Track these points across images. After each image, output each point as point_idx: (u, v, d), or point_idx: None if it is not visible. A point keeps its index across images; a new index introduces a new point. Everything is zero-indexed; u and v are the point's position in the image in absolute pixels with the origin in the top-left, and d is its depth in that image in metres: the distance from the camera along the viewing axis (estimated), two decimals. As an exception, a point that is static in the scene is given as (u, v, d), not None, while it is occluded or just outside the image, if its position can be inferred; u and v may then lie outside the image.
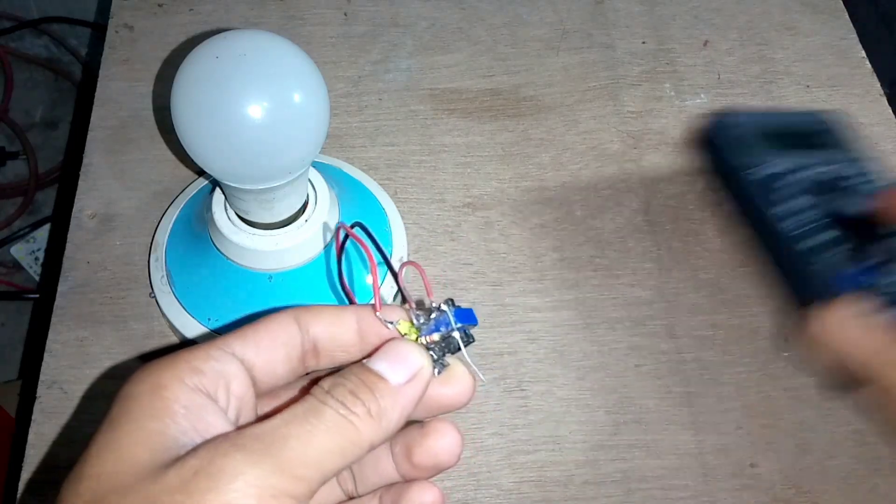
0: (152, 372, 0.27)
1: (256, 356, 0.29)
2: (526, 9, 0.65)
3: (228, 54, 0.39)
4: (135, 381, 0.27)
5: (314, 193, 0.48)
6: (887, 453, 0.47)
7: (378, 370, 0.28)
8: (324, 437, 0.25)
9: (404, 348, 0.29)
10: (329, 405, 0.26)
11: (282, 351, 0.30)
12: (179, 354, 0.28)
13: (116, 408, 0.27)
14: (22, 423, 0.90)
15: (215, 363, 0.28)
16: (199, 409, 0.27)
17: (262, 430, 0.25)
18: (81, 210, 0.54)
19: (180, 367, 0.27)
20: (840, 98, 0.61)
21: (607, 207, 0.56)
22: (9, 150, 1.24)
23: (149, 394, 0.27)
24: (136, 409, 0.26)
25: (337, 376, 0.28)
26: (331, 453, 0.25)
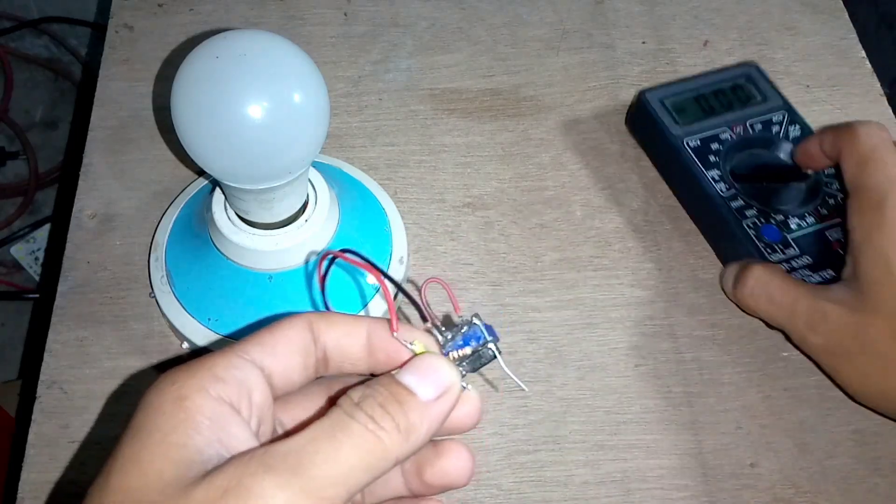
0: (174, 381, 0.27)
1: (274, 363, 0.29)
2: (526, 9, 0.65)
3: (228, 54, 0.39)
4: (156, 391, 0.27)
5: (314, 193, 0.48)
6: (887, 453, 0.47)
7: (407, 384, 0.28)
8: (350, 452, 0.25)
9: (435, 363, 0.29)
10: (357, 419, 0.26)
11: (298, 358, 0.29)
12: (200, 363, 0.28)
13: (139, 418, 0.27)
14: (22, 423, 0.90)
15: (237, 372, 0.28)
16: (222, 419, 0.26)
17: (290, 448, 0.25)
18: (81, 210, 0.54)
19: (203, 377, 0.27)
20: (840, 98, 0.61)
21: (607, 207, 0.56)
22: (9, 150, 1.24)
23: (171, 404, 0.26)
24: (160, 421, 0.26)
25: (366, 387, 0.28)
26: (357, 470, 0.25)
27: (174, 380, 0.27)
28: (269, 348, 0.29)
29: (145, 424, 0.26)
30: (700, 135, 0.54)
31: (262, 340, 0.29)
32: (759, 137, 0.54)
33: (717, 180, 0.52)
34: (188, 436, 0.26)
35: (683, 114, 0.55)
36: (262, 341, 0.29)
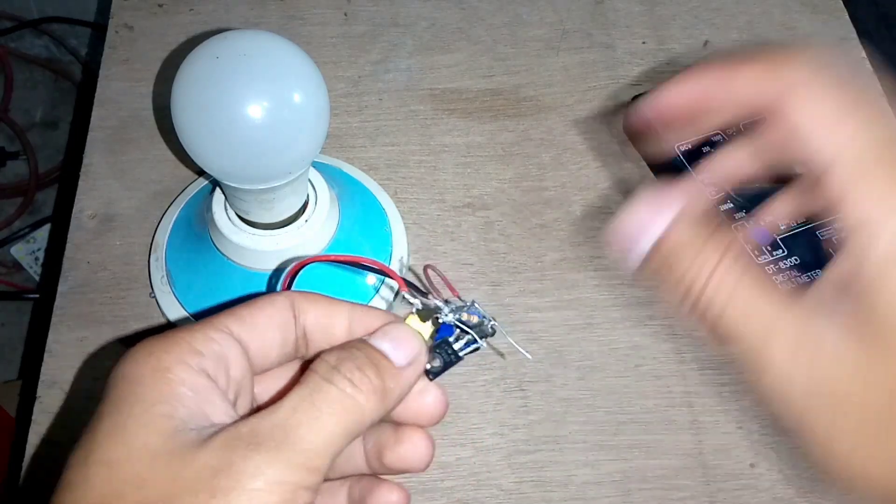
0: (152, 353, 0.27)
1: (251, 338, 0.29)
2: (526, 9, 0.65)
3: (228, 54, 0.39)
4: (133, 361, 0.27)
5: (314, 193, 0.48)
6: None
7: (382, 349, 0.28)
8: (331, 419, 0.26)
9: (406, 332, 0.30)
10: (335, 384, 0.26)
11: (278, 335, 0.29)
12: (178, 335, 0.27)
13: (118, 390, 0.26)
14: (22, 423, 0.90)
15: (215, 345, 0.28)
16: (203, 391, 0.26)
17: (273, 423, 0.25)
18: (81, 210, 0.54)
19: (182, 349, 0.27)
20: (840, 98, 0.61)
21: (607, 207, 0.56)
22: (9, 150, 1.24)
23: (152, 376, 0.26)
24: (142, 392, 0.26)
25: (341, 350, 0.28)
26: (339, 436, 0.26)
27: (151, 350, 0.27)
28: (247, 323, 0.29)
29: (126, 396, 0.26)
30: (691, 139, 0.54)
31: (241, 315, 0.29)
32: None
33: (706, 184, 0.52)
34: (172, 407, 0.26)
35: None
36: (241, 316, 0.29)
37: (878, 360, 0.26)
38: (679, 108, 0.31)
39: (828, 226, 0.51)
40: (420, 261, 0.53)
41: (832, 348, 0.27)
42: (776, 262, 0.49)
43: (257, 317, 0.29)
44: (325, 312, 0.30)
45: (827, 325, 0.27)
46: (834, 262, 0.27)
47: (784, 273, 0.49)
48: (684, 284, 0.27)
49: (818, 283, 0.27)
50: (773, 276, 0.49)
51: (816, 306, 0.27)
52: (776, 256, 0.49)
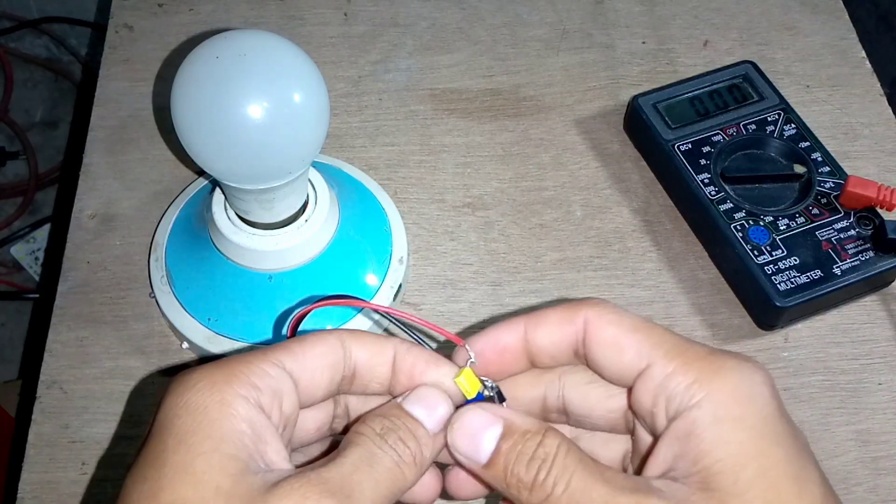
0: (214, 383, 0.27)
1: (302, 375, 0.29)
2: (526, 9, 0.65)
3: (228, 54, 0.39)
4: (195, 390, 0.27)
5: (314, 193, 0.48)
6: (888, 454, 0.47)
7: (418, 416, 0.30)
8: (384, 484, 0.28)
9: (437, 398, 0.30)
10: (387, 453, 0.28)
11: (327, 373, 0.30)
12: (235, 366, 0.28)
13: (182, 421, 0.26)
14: (22, 423, 0.90)
15: (271, 381, 0.28)
16: (259, 429, 0.27)
17: (341, 476, 0.27)
18: (81, 210, 0.54)
19: (241, 382, 0.27)
20: (840, 98, 0.61)
21: (607, 207, 0.56)
22: (9, 150, 1.24)
23: (218, 410, 0.26)
24: (208, 427, 0.26)
25: (384, 418, 0.29)
26: (387, 498, 0.28)
27: (212, 381, 0.27)
28: (300, 359, 0.29)
29: (193, 429, 0.26)
30: (692, 138, 0.54)
31: (294, 350, 0.29)
32: (752, 138, 0.54)
33: (706, 183, 0.52)
34: (238, 447, 0.26)
35: (676, 117, 0.55)
36: (293, 351, 0.29)
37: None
38: (496, 348, 0.32)
39: (828, 226, 0.51)
40: (420, 261, 0.53)
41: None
42: (776, 261, 0.49)
43: (309, 354, 0.29)
44: (373, 351, 0.31)
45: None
46: (658, 449, 0.28)
47: (784, 273, 0.49)
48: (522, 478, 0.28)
49: (648, 467, 0.28)
50: (773, 276, 0.49)
51: (649, 491, 0.27)
52: (776, 256, 0.49)
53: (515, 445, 0.28)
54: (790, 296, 0.48)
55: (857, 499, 0.46)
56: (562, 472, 0.27)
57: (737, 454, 0.26)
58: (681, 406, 0.28)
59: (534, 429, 0.29)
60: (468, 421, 0.30)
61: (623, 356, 0.29)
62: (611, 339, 0.30)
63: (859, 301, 0.52)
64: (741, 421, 0.27)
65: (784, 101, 0.56)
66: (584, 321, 0.30)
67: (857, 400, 0.49)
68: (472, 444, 0.29)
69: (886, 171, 0.57)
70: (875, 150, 0.58)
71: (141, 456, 0.27)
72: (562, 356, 0.31)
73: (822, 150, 0.54)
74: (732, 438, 0.27)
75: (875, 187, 0.51)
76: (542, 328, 0.31)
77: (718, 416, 0.27)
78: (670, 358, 0.28)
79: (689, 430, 0.27)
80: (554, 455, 0.28)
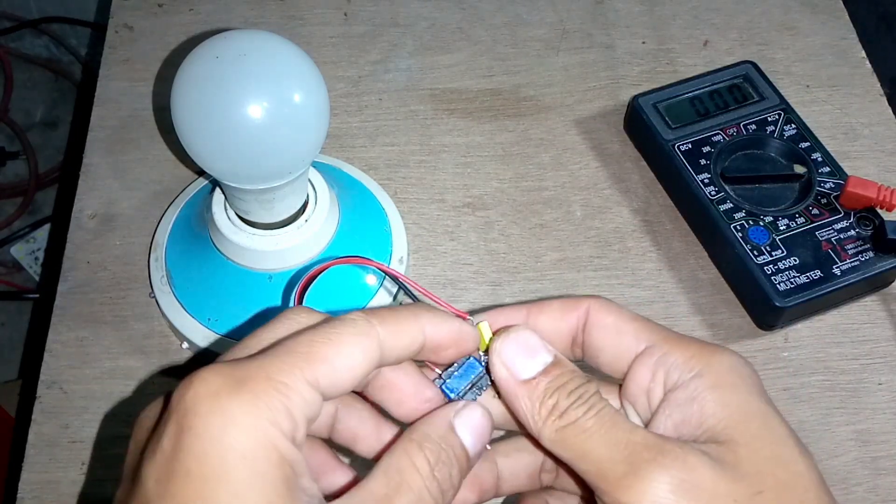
0: (257, 419, 0.25)
1: (332, 390, 0.27)
2: (526, 9, 0.65)
3: (228, 54, 0.39)
4: (239, 428, 0.24)
5: (314, 193, 0.48)
6: (888, 454, 0.47)
7: (467, 445, 0.29)
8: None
9: (485, 424, 0.30)
10: (432, 495, 0.27)
11: (358, 381, 0.28)
12: (271, 393, 0.25)
13: (234, 469, 0.24)
14: (22, 423, 0.90)
15: (307, 409, 0.26)
16: (299, 468, 0.25)
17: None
18: (81, 210, 0.54)
19: (282, 415, 0.25)
20: (840, 98, 0.61)
21: (607, 207, 0.56)
22: (9, 150, 1.24)
23: (266, 457, 0.24)
24: (262, 480, 0.24)
25: (438, 447, 0.28)
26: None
27: (255, 416, 0.24)
28: (335, 375, 0.27)
29: (247, 483, 0.24)
30: (692, 138, 0.54)
31: (330, 360, 0.27)
32: (752, 138, 0.54)
33: (706, 183, 0.52)
34: (289, 497, 0.25)
35: (676, 117, 0.55)
36: (331, 362, 0.27)
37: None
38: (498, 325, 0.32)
39: (828, 226, 0.51)
40: (420, 261, 0.53)
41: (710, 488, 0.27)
42: (776, 262, 0.49)
43: (343, 362, 0.27)
44: (406, 340, 0.29)
45: (686, 447, 0.28)
46: (658, 419, 0.30)
47: (784, 273, 0.49)
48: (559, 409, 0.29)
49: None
50: (773, 276, 0.49)
51: (670, 438, 0.29)
52: (776, 256, 0.49)
53: (563, 375, 0.30)
54: (790, 296, 0.48)
55: (857, 499, 0.46)
56: (595, 405, 0.29)
57: (739, 413, 0.28)
58: (680, 378, 0.30)
59: (580, 372, 0.30)
60: (525, 337, 0.30)
61: (622, 339, 0.31)
62: (611, 323, 0.32)
63: (859, 301, 0.52)
64: (738, 387, 0.29)
65: (784, 101, 0.56)
66: (585, 310, 0.32)
67: (857, 400, 0.49)
68: (521, 358, 0.30)
69: (886, 171, 0.57)
70: (875, 150, 0.58)
71: (180, 495, 0.24)
72: (559, 344, 0.32)
73: (822, 150, 0.54)
74: (732, 401, 0.29)
75: (875, 187, 0.51)
76: (543, 315, 0.32)
77: (717, 383, 0.29)
78: (667, 341, 0.31)
79: (690, 397, 0.29)
80: (592, 395, 0.29)
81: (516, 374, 0.30)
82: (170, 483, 0.24)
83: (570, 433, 0.28)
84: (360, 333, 0.28)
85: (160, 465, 0.25)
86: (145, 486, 0.25)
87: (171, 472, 0.24)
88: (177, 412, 0.25)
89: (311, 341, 0.27)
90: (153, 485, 0.25)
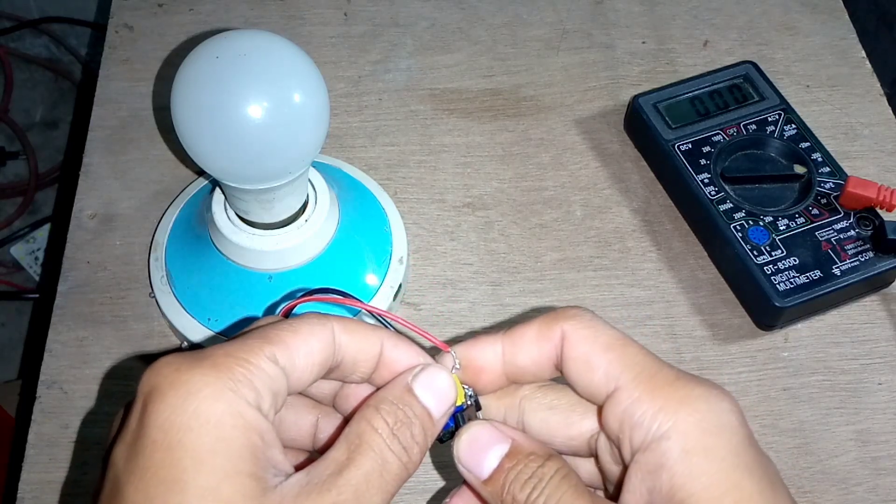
0: (220, 390, 0.26)
1: (293, 370, 0.28)
2: (526, 9, 0.65)
3: (228, 54, 0.39)
4: (202, 397, 0.25)
5: (314, 193, 0.48)
6: (888, 454, 0.47)
7: (427, 405, 0.30)
8: (390, 490, 0.28)
9: (448, 383, 0.30)
10: (398, 457, 0.28)
11: (317, 368, 0.29)
12: (232, 366, 0.26)
13: (197, 437, 0.25)
14: (22, 423, 0.90)
15: (271, 382, 0.27)
16: (268, 437, 0.26)
17: (353, 484, 0.27)
18: (81, 210, 0.54)
19: (246, 387, 0.26)
20: (840, 98, 0.61)
21: (607, 207, 0.56)
22: (9, 150, 1.24)
23: (232, 425, 0.25)
24: (228, 446, 0.25)
25: (398, 409, 0.29)
26: (391, 494, 0.28)
27: (218, 388, 0.26)
28: (293, 354, 0.28)
29: (212, 448, 0.25)
30: (692, 138, 0.54)
31: (287, 342, 0.28)
32: (752, 138, 0.54)
33: (706, 183, 0.52)
34: (255, 464, 0.25)
35: (676, 117, 0.55)
36: (287, 344, 0.28)
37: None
38: (472, 366, 0.32)
39: (828, 226, 0.51)
40: (420, 261, 0.53)
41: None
42: (776, 262, 0.49)
43: (302, 349, 0.28)
44: (361, 344, 0.30)
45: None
46: (631, 482, 0.28)
47: (784, 273, 0.49)
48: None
49: (624, 500, 0.28)
50: (773, 276, 0.49)
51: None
52: (775, 257, 0.49)
53: (517, 465, 0.29)
54: (789, 296, 0.48)
55: (857, 499, 0.46)
56: (552, 493, 0.28)
57: (709, 488, 0.26)
58: (647, 437, 0.27)
59: (539, 452, 0.29)
60: (477, 435, 0.30)
61: (593, 376, 0.29)
62: (582, 357, 0.30)
63: (859, 301, 0.52)
64: (711, 452, 0.27)
65: (784, 101, 0.56)
66: (560, 336, 0.30)
67: (857, 400, 0.49)
68: (477, 459, 0.29)
69: (886, 171, 0.57)
70: (875, 150, 0.58)
71: (145, 467, 0.25)
72: (543, 373, 0.31)
73: (822, 150, 0.54)
74: (704, 471, 0.26)
75: (875, 188, 0.51)
76: (520, 348, 0.31)
77: (688, 447, 0.27)
78: (637, 382, 0.28)
79: (659, 464, 0.27)
80: (550, 477, 0.28)
81: (478, 476, 0.29)
82: (137, 457, 0.25)
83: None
84: (317, 324, 0.29)
85: (127, 444, 0.26)
86: (115, 467, 0.26)
87: (137, 447, 0.25)
88: (141, 393, 0.26)
89: (268, 328, 0.28)
90: (122, 463, 0.26)
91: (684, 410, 0.27)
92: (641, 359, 0.29)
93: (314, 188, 0.48)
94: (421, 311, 0.51)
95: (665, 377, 0.28)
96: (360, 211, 0.51)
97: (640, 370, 0.29)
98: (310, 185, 0.48)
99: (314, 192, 0.48)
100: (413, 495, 0.45)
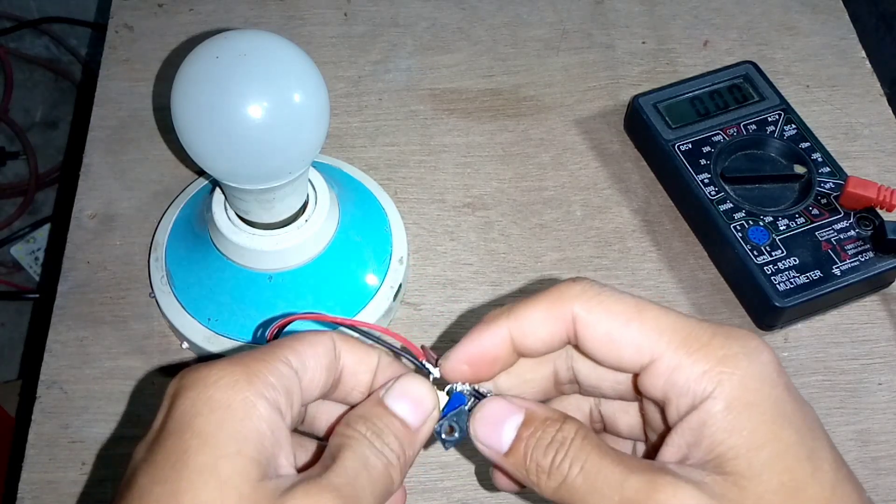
0: (236, 381, 0.27)
1: (304, 375, 0.29)
2: (526, 9, 0.65)
3: (228, 54, 0.39)
4: (217, 387, 0.26)
5: (314, 193, 0.48)
6: (888, 454, 0.47)
7: (401, 414, 0.30)
8: (378, 486, 0.28)
9: (421, 389, 0.31)
10: (378, 458, 0.28)
11: (324, 374, 0.30)
12: (251, 364, 0.28)
13: (205, 419, 0.26)
14: (22, 423, 0.90)
15: (286, 381, 0.28)
16: (278, 432, 0.27)
17: (349, 482, 0.27)
18: (81, 210, 0.54)
19: (262, 381, 0.27)
20: (840, 98, 0.61)
21: (607, 207, 0.56)
22: (9, 150, 1.24)
23: (242, 410, 0.26)
24: (232, 427, 0.26)
25: (376, 422, 0.29)
26: (380, 498, 0.28)
27: (234, 379, 0.27)
28: (303, 359, 0.29)
29: (217, 429, 0.26)
30: (692, 138, 0.54)
31: (297, 349, 0.29)
32: (752, 138, 0.54)
33: (706, 183, 0.52)
34: (259, 450, 0.26)
35: (676, 117, 0.55)
36: (297, 350, 0.29)
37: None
38: (485, 359, 0.31)
39: (828, 226, 0.51)
40: (420, 261, 0.53)
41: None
42: (776, 262, 0.49)
43: (310, 353, 0.29)
44: (359, 359, 0.31)
45: (680, 485, 0.26)
46: (671, 437, 0.28)
47: (784, 273, 0.49)
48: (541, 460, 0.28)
49: (662, 454, 0.28)
50: (773, 276, 0.49)
51: (663, 471, 0.27)
52: (775, 257, 0.49)
53: (535, 432, 0.28)
54: (789, 296, 0.48)
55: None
56: (577, 454, 0.27)
57: (750, 439, 0.27)
58: (694, 400, 0.27)
59: (553, 416, 0.29)
60: (490, 411, 0.30)
61: (622, 353, 0.29)
62: (604, 336, 0.29)
63: (859, 301, 0.52)
64: (752, 407, 0.27)
65: (784, 101, 0.56)
66: (572, 317, 0.29)
67: (857, 400, 0.49)
68: (494, 434, 0.29)
69: (886, 171, 0.57)
70: (875, 150, 0.58)
71: (157, 454, 0.26)
72: (554, 348, 0.31)
73: (822, 150, 0.54)
74: (745, 425, 0.27)
75: (875, 188, 0.51)
76: (528, 331, 0.30)
77: (730, 405, 0.27)
78: (674, 349, 0.28)
79: (702, 421, 0.27)
80: (571, 440, 0.28)
81: (498, 450, 0.29)
82: (153, 449, 0.26)
83: (565, 492, 0.28)
84: (317, 334, 0.30)
85: (147, 442, 0.27)
86: (133, 461, 0.27)
87: (156, 441, 0.26)
88: (167, 396, 0.28)
89: (277, 342, 0.30)
90: (139, 457, 0.27)
91: (727, 370, 0.27)
92: (666, 321, 0.29)
93: (314, 188, 0.48)
94: (421, 311, 0.51)
95: (699, 337, 0.28)
96: (360, 211, 0.51)
97: (672, 334, 0.28)
98: (310, 185, 0.48)
99: (314, 192, 0.48)
100: (413, 495, 0.45)
